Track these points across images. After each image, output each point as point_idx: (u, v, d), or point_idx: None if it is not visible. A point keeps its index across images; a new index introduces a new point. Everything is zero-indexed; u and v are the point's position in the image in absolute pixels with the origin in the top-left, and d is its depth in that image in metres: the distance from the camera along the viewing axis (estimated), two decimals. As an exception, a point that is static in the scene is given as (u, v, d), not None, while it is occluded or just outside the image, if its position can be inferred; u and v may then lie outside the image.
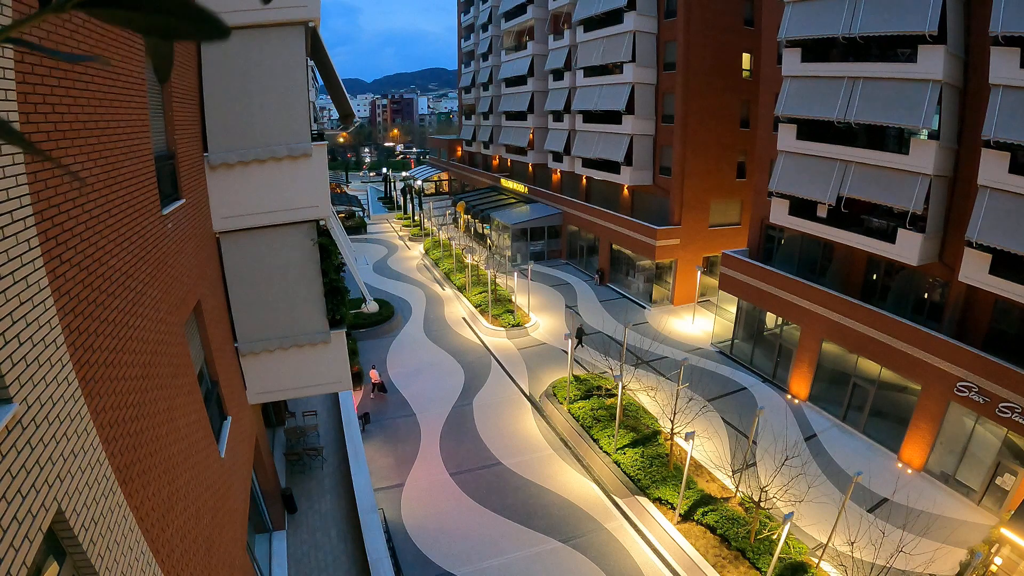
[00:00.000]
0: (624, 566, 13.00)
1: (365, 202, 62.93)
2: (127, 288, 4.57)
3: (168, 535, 4.68)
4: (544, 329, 26.44)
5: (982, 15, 14.01)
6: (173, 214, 6.44)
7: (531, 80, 40.93)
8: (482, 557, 13.25)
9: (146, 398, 4.67)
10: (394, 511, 14.64)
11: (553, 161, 38.39)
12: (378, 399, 20.41)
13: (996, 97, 13.39)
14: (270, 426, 15.33)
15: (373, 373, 20.50)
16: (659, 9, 28.18)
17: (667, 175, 28.99)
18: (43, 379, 3.04)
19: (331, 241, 9.90)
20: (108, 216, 4.31)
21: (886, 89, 16.09)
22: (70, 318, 3.47)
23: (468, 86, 56.04)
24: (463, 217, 44.90)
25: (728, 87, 27.62)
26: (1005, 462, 14.20)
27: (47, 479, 2.93)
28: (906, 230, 16.02)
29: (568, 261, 38.07)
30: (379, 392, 20.61)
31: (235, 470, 8.04)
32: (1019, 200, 13.31)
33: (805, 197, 18.87)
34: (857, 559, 11.92)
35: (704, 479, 15.08)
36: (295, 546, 11.73)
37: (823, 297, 18.88)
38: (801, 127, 19.02)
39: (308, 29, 8.86)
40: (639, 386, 18.91)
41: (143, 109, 5.49)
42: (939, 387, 15.54)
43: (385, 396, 20.60)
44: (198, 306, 7.37)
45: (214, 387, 7.86)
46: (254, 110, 8.76)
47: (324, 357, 10.19)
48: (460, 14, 58.73)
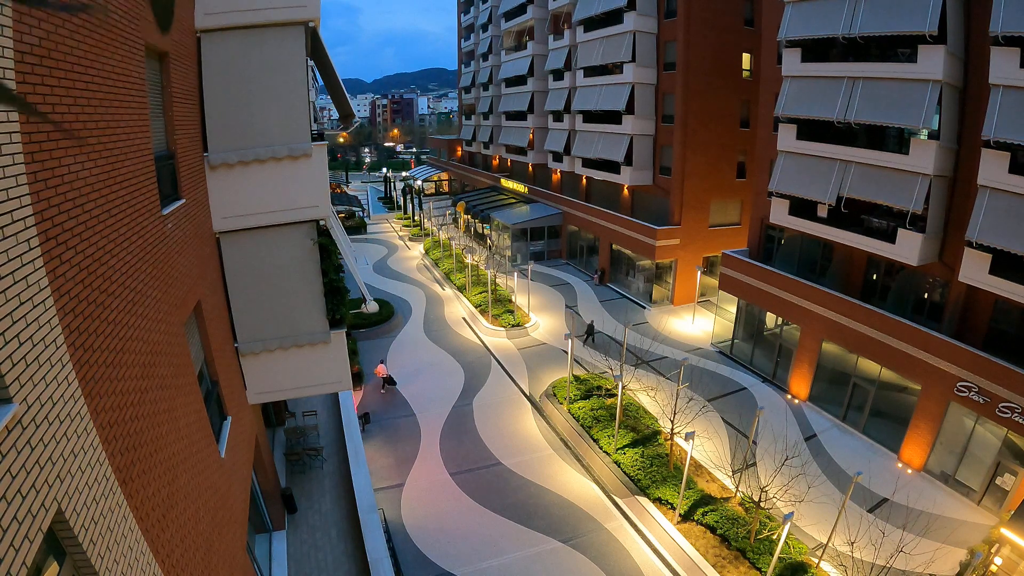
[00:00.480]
0: (624, 566, 13.00)
1: (365, 202, 62.94)
2: (127, 288, 4.57)
3: (168, 535, 4.68)
4: (544, 329, 26.45)
5: (982, 15, 14.01)
6: (173, 214, 6.44)
7: (531, 80, 40.95)
8: (482, 557, 13.25)
9: (146, 398, 4.67)
10: (394, 511, 14.64)
11: (553, 161, 38.39)
12: (389, 393, 20.70)
13: (996, 97, 13.39)
14: (270, 426, 15.32)
15: (381, 368, 20.69)
16: (659, 9, 28.18)
17: (667, 175, 28.99)
18: (43, 379, 3.04)
19: (331, 241, 9.90)
20: (108, 216, 4.31)
21: (886, 89, 16.09)
22: (70, 318, 3.47)
23: (468, 86, 56.06)
24: (463, 217, 44.90)
25: (728, 87, 27.62)
26: (1005, 462, 14.21)
27: (47, 479, 2.93)
28: (906, 230, 16.02)
29: (568, 261, 38.07)
30: (389, 386, 20.86)
31: (235, 470, 8.03)
32: (1019, 200, 13.31)
33: (805, 197, 18.88)
34: (857, 559, 11.92)
35: (704, 479, 15.08)
36: (295, 546, 11.72)
37: (823, 297, 18.88)
38: (801, 127, 19.02)
39: (308, 29, 8.86)
40: (639, 386, 18.91)
41: (143, 109, 5.49)
42: (939, 387, 15.55)
43: (395, 388, 20.92)
44: (198, 306, 7.37)
45: (214, 387, 7.86)
46: (254, 110, 8.75)
47: (324, 357, 10.19)
48: (460, 14, 58.74)
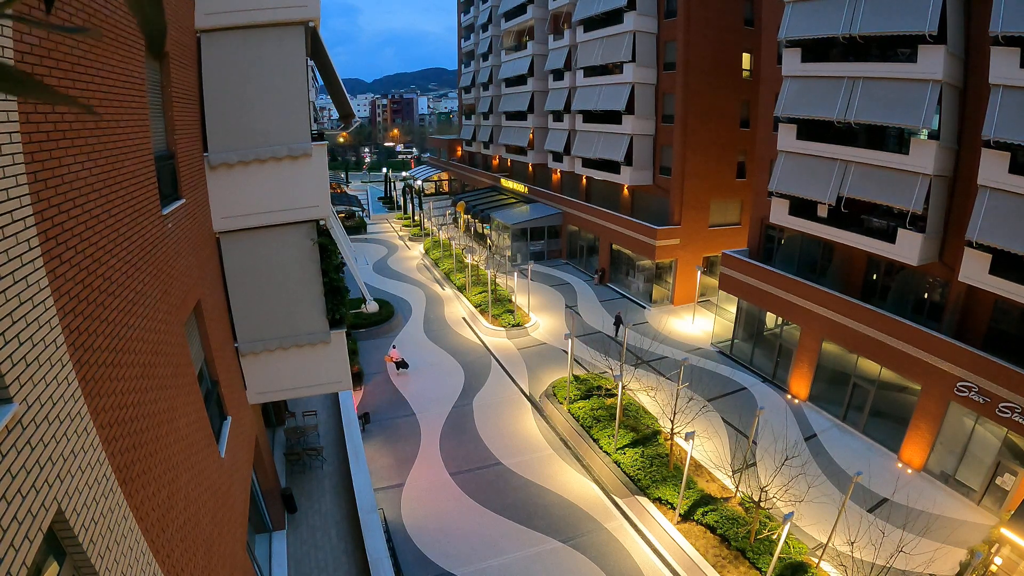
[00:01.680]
0: (624, 566, 13.00)
1: (365, 202, 62.95)
2: (127, 288, 4.57)
3: (168, 535, 4.68)
4: (544, 329, 26.44)
5: (982, 15, 14.01)
6: (173, 214, 6.44)
7: (531, 80, 40.93)
8: (482, 557, 13.25)
9: (146, 398, 4.67)
10: (394, 511, 14.64)
11: (553, 161, 38.39)
12: (402, 376, 21.87)
13: (996, 97, 13.39)
14: (270, 426, 15.32)
15: (394, 352, 22.31)
16: (659, 9, 28.18)
17: (667, 175, 28.99)
18: (43, 379, 3.04)
19: (331, 241, 9.90)
20: (108, 216, 4.31)
21: (886, 89, 16.09)
22: (70, 318, 3.47)
23: (468, 86, 56.04)
24: (463, 217, 44.88)
25: (728, 87, 27.61)
26: (1005, 462, 14.21)
27: (47, 479, 2.93)
28: (906, 230, 16.02)
29: (568, 261, 38.06)
30: (402, 369, 22.25)
31: (235, 470, 8.03)
32: (1019, 200, 13.31)
33: (805, 197, 18.87)
34: (857, 559, 11.92)
35: (704, 479, 15.07)
36: (295, 546, 11.73)
37: (823, 297, 18.88)
38: (801, 127, 19.02)
39: (308, 29, 8.86)
40: (639, 386, 18.90)
41: (143, 109, 5.49)
42: (939, 387, 15.54)
43: (407, 369, 22.27)
44: (198, 306, 7.37)
45: (214, 387, 7.86)
46: (254, 110, 8.75)
47: (324, 357, 10.19)
48: (460, 14, 58.72)
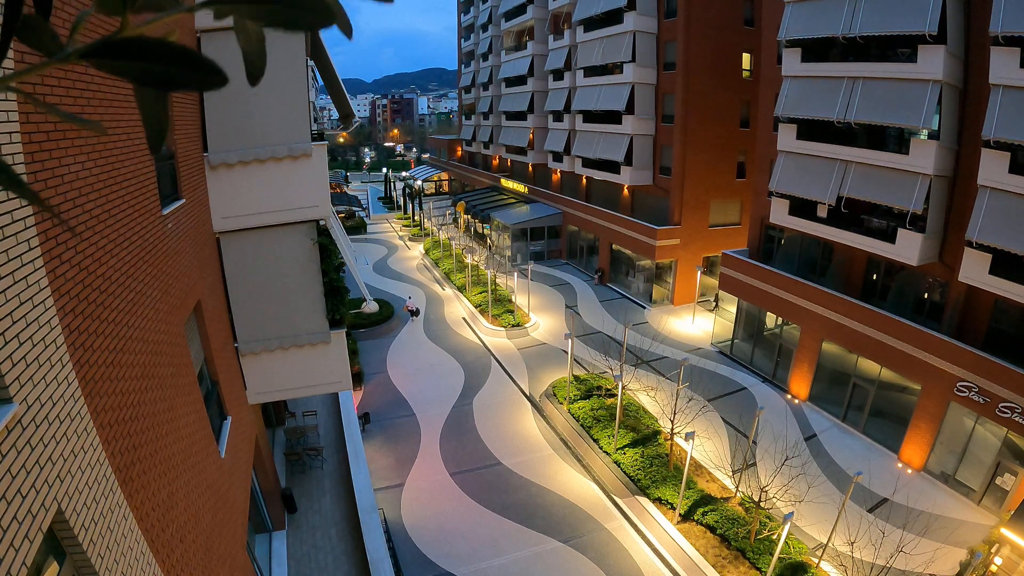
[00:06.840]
0: (624, 566, 13.00)
1: (365, 202, 62.92)
2: (127, 288, 4.57)
3: (168, 535, 4.68)
4: (544, 329, 26.44)
5: (982, 15, 14.00)
6: (173, 214, 6.44)
7: (531, 80, 40.91)
8: (482, 557, 13.25)
9: (146, 398, 4.67)
10: (394, 511, 14.64)
11: (553, 161, 38.37)
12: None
13: (996, 97, 13.39)
14: (270, 426, 15.32)
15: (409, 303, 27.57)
16: (659, 9, 28.17)
17: (667, 175, 28.98)
18: (43, 379, 3.04)
19: (331, 241, 9.90)
20: (108, 216, 4.31)
21: (886, 89, 16.08)
22: (70, 318, 3.47)
23: (468, 86, 56.02)
24: (463, 217, 44.87)
25: (728, 87, 27.59)
26: (1005, 462, 14.21)
27: (47, 479, 2.93)
28: (906, 230, 16.01)
29: (568, 261, 38.05)
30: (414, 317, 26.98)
31: (235, 470, 8.04)
32: (1019, 200, 13.31)
33: (805, 197, 18.87)
34: (857, 559, 11.92)
35: (704, 479, 15.07)
36: (295, 546, 11.72)
37: (823, 297, 18.87)
38: (801, 127, 19.01)
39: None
40: (639, 386, 18.90)
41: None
42: (939, 387, 15.54)
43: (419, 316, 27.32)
44: (198, 306, 7.37)
45: (214, 387, 7.86)
46: (254, 110, 8.76)
47: (324, 357, 10.20)
48: (460, 14, 58.68)
